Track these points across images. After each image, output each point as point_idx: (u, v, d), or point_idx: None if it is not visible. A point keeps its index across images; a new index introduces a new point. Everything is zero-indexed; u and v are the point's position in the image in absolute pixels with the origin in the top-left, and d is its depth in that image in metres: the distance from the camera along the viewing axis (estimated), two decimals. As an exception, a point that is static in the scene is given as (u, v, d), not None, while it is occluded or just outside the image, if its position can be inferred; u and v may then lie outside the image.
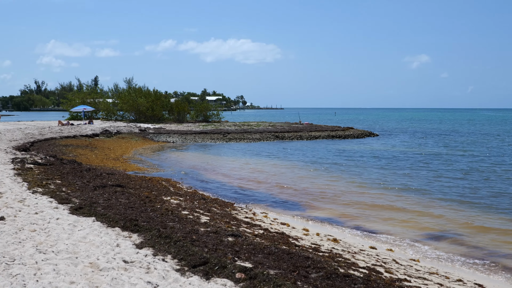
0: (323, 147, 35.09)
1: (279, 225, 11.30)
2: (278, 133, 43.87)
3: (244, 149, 32.93)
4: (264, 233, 9.60)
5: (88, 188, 13.02)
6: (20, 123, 50.37)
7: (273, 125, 53.65)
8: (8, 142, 26.19)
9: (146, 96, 63.90)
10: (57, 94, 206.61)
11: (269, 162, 25.72)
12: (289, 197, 15.82)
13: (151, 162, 24.30)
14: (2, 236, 7.54)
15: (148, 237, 8.01)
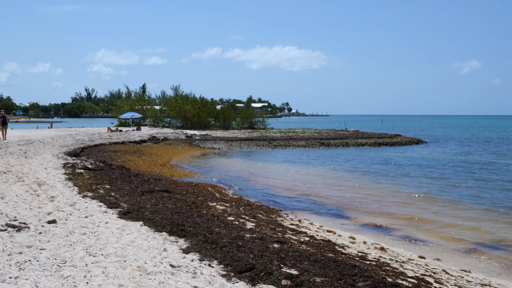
0: (369, 154, 34.67)
1: (325, 232, 11.21)
2: (324, 140, 43.60)
3: (289, 156, 32.87)
4: (310, 240, 9.53)
5: (136, 193, 13.24)
6: (71, 130, 51.73)
7: (318, 132, 53.37)
8: (59, 148, 26.92)
9: (192, 103, 64.64)
10: (106, 101, 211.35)
11: (314, 169, 25.59)
12: (335, 205, 15.68)
13: (197, 168, 24.53)
14: (54, 238, 7.75)
15: (195, 242, 8.07)
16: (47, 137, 34.83)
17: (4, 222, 8.39)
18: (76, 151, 26.30)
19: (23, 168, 16.88)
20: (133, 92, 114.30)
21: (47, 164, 18.35)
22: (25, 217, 9.14)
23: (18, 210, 9.72)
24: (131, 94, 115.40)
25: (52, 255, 6.78)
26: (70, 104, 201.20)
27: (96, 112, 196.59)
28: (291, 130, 57.76)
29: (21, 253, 6.71)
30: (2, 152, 21.69)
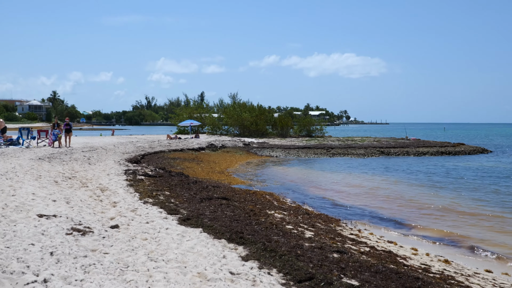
0: (431, 163, 33.84)
1: (385, 243, 10.99)
2: (384, 148, 42.85)
3: (348, 164, 32.51)
4: (370, 251, 9.37)
5: (195, 200, 13.39)
6: (132, 137, 52.98)
7: (378, 140, 52.58)
8: (121, 154, 27.60)
9: (250, 111, 65.08)
10: (165, 109, 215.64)
11: (373, 177, 25.21)
12: (395, 215, 15.37)
13: (255, 176, 24.61)
14: (117, 243, 7.93)
15: (254, 250, 8.08)
16: (109, 144, 35.81)
17: (70, 226, 8.66)
18: (136, 158, 26.88)
19: (86, 174, 17.39)
20: (192, 100, 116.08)
21: (110, 171, 18.84)
22: (89, 221, 9.41)
23: (82, 215, 10.01)
24: (189, 102, 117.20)
25: (115, 259, 6.94)
26: (131, 112, 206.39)
27: (156, 119, 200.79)
28: (350, 138, 57.21)
29: (86, 256, 6.90)
30: (67, 158, 22.44)
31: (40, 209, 10.05)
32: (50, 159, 21.47)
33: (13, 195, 11.40)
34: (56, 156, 23.06)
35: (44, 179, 14.98)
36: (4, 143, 29.55)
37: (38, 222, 8.80)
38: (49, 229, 8.24)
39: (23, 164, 18.51)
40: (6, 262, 6.25)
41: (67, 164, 20.05)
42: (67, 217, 9.43)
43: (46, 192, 12.35)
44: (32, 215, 9.34)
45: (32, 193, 11.93)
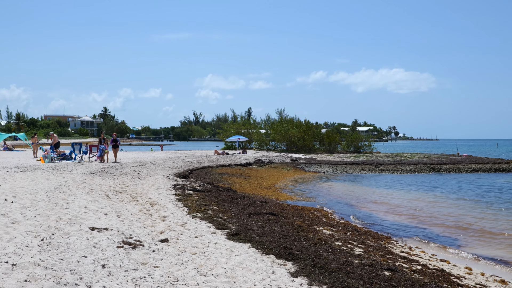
0: (483, 180, 32.89)
1: (438, 261, 10.69)
2: (434, 165, 41.94)
3: (397, 181, 31.96)
4: (422, 269, 9.12)
5: (243, 215, 13.39)
6: (180, 152, 53.68)
7: (428, 157, 51.51)
8: (170, 169, 27.95)
9: (297, 127, 65.00)
10: (213, 124, 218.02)
11: (424, 195, 24.67)
12: (446, 233, 14.96)
13: (302, 191, 24.46)
14: (166, 257, 7.98)
15: (303, 266, 7.99)
16: (158, 159, 36.34)
17: (121, 239, 8.78)
18: (185, 173, 27.16)
19: (136, 188, 17.67)
20: (239, 116, 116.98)
21: (159, 185, 19.09)
22: (139, 235, 9.52)
23: (133, 228, 10.15)
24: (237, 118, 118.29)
25: (165, 273, 6.98)
26: (179, 128, 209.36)
27: (204, 135, 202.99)
28: (399, 154, 56.31)
29: (136, 269, 6.97)
30: (118, 173, 22.88)
31: (92, 222, 10.25)
32: (101, 173, 21.94)
33: (66, 208, 11.67)
34: (107, 170, 23.54)
35: (95, 193, 15.30)
36: (58, 157, 30.39)
37: (90, 235, 8.97)
38: (101, 242, 8.38)
39: (76, 178, 18.97)
40: (60, 273, 6.37)
41: (118, 178, 20.43)
42: (118, 230, 9.57)
43: (98, 206, 12.59)
44: (84, 228, 9.53)
45: (84, 207, 12.19)
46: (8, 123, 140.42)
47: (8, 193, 13.73)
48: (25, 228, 9.13)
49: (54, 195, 13.77)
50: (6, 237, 8.32)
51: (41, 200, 12.67)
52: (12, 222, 9.69)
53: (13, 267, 6.54)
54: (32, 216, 10.43)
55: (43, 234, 8.65)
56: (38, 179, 17.97)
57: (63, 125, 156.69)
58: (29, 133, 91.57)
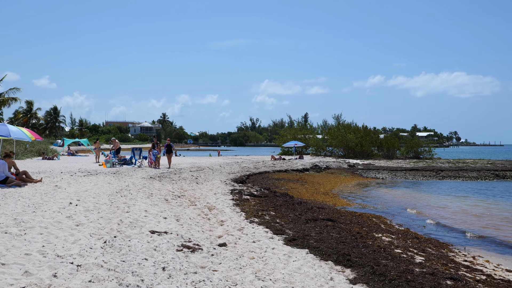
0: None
1: (503, 271, 10.30)
2: (499, 171, 40.49)
3: (459, 188, 31.07)
4: (487, 279, 8.81)
5: (300, 221, 13.34)
6: (237, 157, 54.12)
7: (492, 163, 49.79)
8: (227, 174, 28.20)
9: (355, 132, 64.38)
10: (269, 130, 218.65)
11: (487, 202, 23.87)
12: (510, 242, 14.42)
13: (360, 197, 24.16)
14: (225, 261, 8.04)
15: (361, 273, 7.88)
16: (215, 164, 36.75)
17: (180, 243, 8.92)
18: (242, 178, 27.35)
19: (194, 193, 17.91)
20: (295, 121, 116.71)
21: (216, 190, 19.28)
22: (198, 239, 9.64)
23: (191, 232, 10.28)
24: (293, 123, 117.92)
25: (223, 277, 7.03)
26: (236, 133, 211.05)
27: (260, 141, 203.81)
28: (461, 161, 54.74)
29: (196, 273, 7.06)
30: (176, 177, 23.27)
31: (152, 226, 10.46)
32: (160, 178, 22.37)
33: (127, 212, 11.96)
34: (166, 175, 23.99)
35: (155, 197, 15.61)
36: (119, 162, 31.23)
37: (150, 238, 9.15)
38: (161, 245, 8.53)
39: (136, 182, 19.42)
40: (122, 275, 6.53)
41: (176, 183, 20.78)
42: (177, 234, 9.73)
43: (157, 210, 12.84)
44: (145, 231, 9.74)
45: (144, 210, 12.46)
46: (72, 129, 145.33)
47: (72, 196, 14.21)
48: (89, 230, 9.42)
49: (116, 199, 14.14)
50: (71, 238, 8.61)
51: (103, 204, 13.05)
52: (76, 224, 10.02)
53: (78, 268, 6.76)
54: (95, 219, 10.75)
55: (105, 237, 8.90)
56: (101, 183, 18.51)
57: (123, 131, 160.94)
58: (91, 139, 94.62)
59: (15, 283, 5.98)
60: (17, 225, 9.51)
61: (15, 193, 14.64)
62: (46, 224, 9.71)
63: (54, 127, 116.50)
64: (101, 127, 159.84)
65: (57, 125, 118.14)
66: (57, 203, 12.79)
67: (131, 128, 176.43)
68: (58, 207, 12.01)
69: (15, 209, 11.53)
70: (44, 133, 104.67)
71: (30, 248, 7.70)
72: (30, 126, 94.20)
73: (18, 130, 20.01)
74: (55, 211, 11.45)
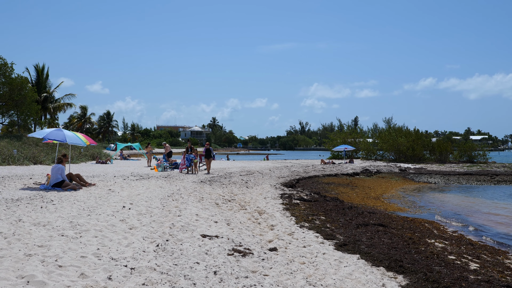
0: None
1: (563, 280, 9.96)
2: (558, 176, 39.16)
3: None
4: (545, 288, 8.54)
5: (351, 226, 13.24)
6: (286, 161, 54.08)
7: (549, 167, 48.22)
8: (276, 178, 28.23)
9: (406, 136, 63.26)
10: (319, 134, 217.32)
11: (545, 208, 23.04)
12: None
13: (412, 202, 23.74)
14: (275, 266, 8.07)
15: (414, 280, 7.77)
16: (265, 168, 36.83)
17: (231, 247, 9.00)
18: (291, 182, 27.33)
19: (244, 197, 18.02)
20: (345, 125, 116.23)
21: (266, 194, 19.34)
22: (249, 243, 9.70)
23: (242, 237, 10.36)
24: (343, 127, 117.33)
25: (274, 282, 7.06)
26: (285, 137, 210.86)
27: (309, 144, 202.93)
28: (517, 164, 53.17)
29: (247, 277, 7.11)
30: (227, 181, 23.46)
31: (203, 230, 10.59)
32: (211, 182, 22.61)
33: (178, 216, 12.15)
34: (216, 179, 24.23)
35: (206, 201, 15.79)
36: (170, 166, 31.71)
37: (201, 242, 9.28)
38: (212, 249, 8.64)
39: (187, 186, 19.70)
40: (174, 278, 6.65)
41: (227, 187, 20.95)
42: (228, 238, 9.82)
43: (208, 214, 12.99)
44: (196, 235, 9.87)
45: (195, 214, 12.63)
46: (124, 134, 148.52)
47: (125, 200, 14.54)
48: (142, 234, 9.62)
49: (168, 203, 14.39)
50: (125, 242, 8.82)
51: (155, 207, 13.30)
52: (129, 228, 10.26)
53: (132, 270, 6.92)
54: (148, 222, 10.97)
55: (158, 240, 9.08)
56: (152, 187, 18.86)
57: (174, 135, 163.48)
58: (143, 143, 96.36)
59: (71, 285, 6.19)
60: (73, 228, 9.82)
61: (71, 197, 15.12)
62: (100, 227, 9.99)
63: (107, 131, 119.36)
64: (152, 131, 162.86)
65: (110, 129, 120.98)
66: (111, 206, 13.13)
67: (181, 132, 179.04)
68: (112, 211, 12.32)
69: (71, 212, 11.90)
70: (97, 138, 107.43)
71: (86, 251, 7.94)
72: (84, 130, 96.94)
73: (73, 135, 20.57)
74: (109, 214, 11.76)
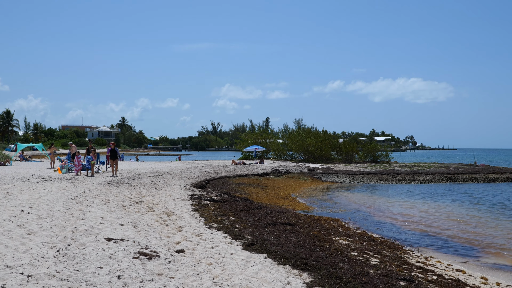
0: (501, 190, 32.51)
1: (453, 271, 10.58)
2: (451, 174, 41.54)
3: (414, 191, 31.67)
4: (438, 280, 9.03)
5: (260, 226, 13.36)
6: (197, 162, 53.85)
7: (445, 167, 51.10)
8: (187, 179, 28.03)
9: (315, 137, 64.91)
10: (230, 134, 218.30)
11: (440, 204, 24.41)
12: (463, 242, 14.77)
13: (319, 201, 24.36)
14: (182, 267, 7.98)
15: (318, 277, 7.94)
16: (175, 169, 36.46)
17: (137, 250, 8.81)
18: (202, 183, 27.23)
19: (153, 199, 17.73)
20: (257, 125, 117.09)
21: (175, 195, 19.13)
22: (156, 245, 9.54)
23: (149, 239, 10.17)
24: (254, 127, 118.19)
25: (180, 284, 6.98)
26: (197, 138, 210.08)
27: (221, 145, 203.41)
28: (416, 164, 55.93)
29: (152, 280, 6.98)
30: (135, 183, 22.99)
31: (108, 233, 10.30)
32: (118, 183, 22.07)
33: (82, 219, 11.75)
34: (124, 181, 23.68)
35: (112, 203, 15.39)
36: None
37: (106, 245, 9.01)
38: (116, 253, 8.41)
39: (92, 188, 19.10)
40: (75, 284, 6.41)
41: (135, 188, 20.53)
42: (134, 241, 9.61)
43: (114, 216, 12.65)
44: (100, 239, 9.58)
45: (100, 217, 12.26)
46: (26, 134, 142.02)
47: (24, 203, 13.87)
48: (41, 239, 9.20)
49: (71, 206, 13.87)
50: (22, 248, 8.40)
51: (57, 211, 12.77)
52: (28, 233, 9.78)
53: (29, 278, 6.59)
54: (49, 227, 10.51)
55: (59, 245, 8.71)
56: (55, 189, 18.12)
57: (81, 135, 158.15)
58: (46, 143, 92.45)
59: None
60: (-34, 234, 9.23)
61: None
62: (-5, 233, 9.45)
63: (7, 131, 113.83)
64: (57, 131, 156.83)
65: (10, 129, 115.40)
66: (7, 211, 12.46)
67: (88, 133, 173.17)
68: (8, 215, 11.69)
69: (-35, 217, 11.19)
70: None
71: (-21, 258, 7.48)
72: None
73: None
74: (6, 219, 11.14)
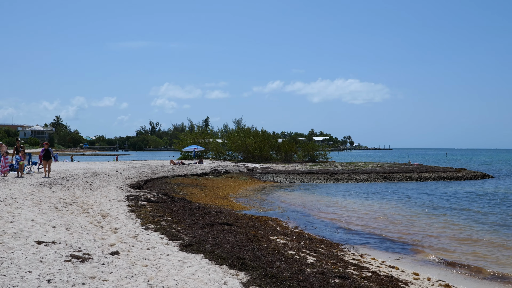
0: (433, 188, 33.70)
1: (387, 268, 10.84)
2: (386, 174, 42.75)
3: (351, 190, 32.34)
4: (372, 276, 9.22)
5: (197, 226, 13.25)
6: (135, 162, 52.97)
7: (381, 166, 52.46)
8: (124, 180, 27.50)
9: (254, 137, 65.16)
10: (169, 134, 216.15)
11: (376, 203, 25.03)
12: (397, 240, 15.20)
13: (258, 201, 24.45)
14: (116, 270, 7.79)
15: (255, 276, 7.93)
16: (112, 169, 35.72)
17: (69, 253, 8.53)
18: (139, 183, 26.79)
19: (88, 200, 17.27)
20: (196, 125, 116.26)
21: (111, 196, 18.72)
22: (89, 248, 9.27)
23: (82, 241, 9.88)
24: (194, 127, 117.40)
25: (114, 286, 6.80)
26: (135, 138, 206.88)
27: (160, 145, 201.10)
28: (353, 164, 57.12)
29: (84, 284, 6.77)
30: (69, 184, 22.35)
31: (39, 236, 9.93)
32: (51, 184, 21.38)
33: (11, 222, 11.28)
34: (57, 181, 22.98)
35: (44, 205, 14.87)
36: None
37: (36, 249, 8.68)
38: (47, 256, 8.11)
39: (23, 190, 18.41)
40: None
41: (68, 190, 19.95)
42: (67, 244, 9.30)
43: (46, 219, 12.22)
44: (30, 242, 9.22)
45: (31, 220, 11.81)
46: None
47: (-49, 206, 13.21)
48: (-33, 243, 8.77)
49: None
50: None
51: (-15, 214, 12.22)
52: (-47, 237, 9.30)
53: (-48, 284, 6.26)
54: (-25, 230, 10.04)
55: (-15, 249, 8.32)
56: (-16, 191, 17.36)
57: (12, 134, 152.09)
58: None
59: None
60: None
61: None
62: None
63: None
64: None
65: None
66: None
67: (20, 132, 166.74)
68: None
69: None
70: None
71: None
72: None
73: None
74: None
